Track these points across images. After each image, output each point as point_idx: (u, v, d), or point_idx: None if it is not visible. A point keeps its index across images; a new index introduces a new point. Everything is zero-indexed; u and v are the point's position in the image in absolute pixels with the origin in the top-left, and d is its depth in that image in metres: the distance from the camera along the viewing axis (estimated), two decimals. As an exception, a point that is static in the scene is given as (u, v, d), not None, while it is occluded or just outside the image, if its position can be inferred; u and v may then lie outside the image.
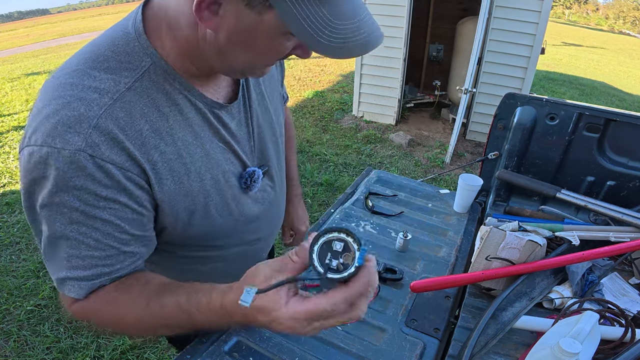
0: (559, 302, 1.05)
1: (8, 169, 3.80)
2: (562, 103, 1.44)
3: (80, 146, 0.51)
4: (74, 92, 0.52)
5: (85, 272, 0.59)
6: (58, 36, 16.32)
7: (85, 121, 0.51)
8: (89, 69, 0.54)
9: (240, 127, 0.73)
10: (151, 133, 0.57)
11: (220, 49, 0.54)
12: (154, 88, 0.57)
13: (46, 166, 0.51)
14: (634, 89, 9.11)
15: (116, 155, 0.53)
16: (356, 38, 0.50)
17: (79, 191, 0.52)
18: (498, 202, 1.60)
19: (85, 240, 0.56)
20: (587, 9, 56.34)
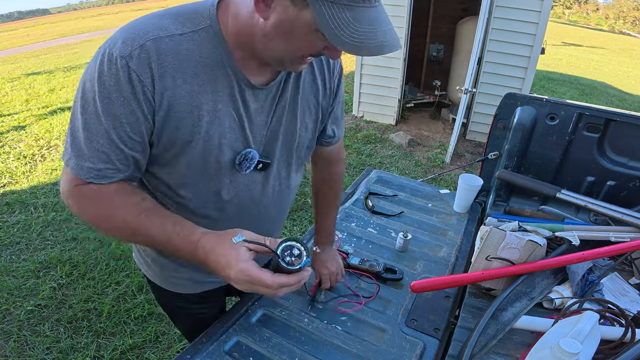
0: (559, 302, 1.04)
1: (8, 169, 3.80)
2: (562, 103, 1.44)
3: (124, 54, 0.65)
4: (147, 23, 0.68)
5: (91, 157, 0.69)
6: (58, 36, 16.31)
7: (138, 40, 0.66)
8: (166, 14, 0.70)
9: (260, 114, 0.80)
10: (176, 69, 0.69)
11: (265, 34, 0.66)
12: (201, 42, 0.70)
13: (99, 62, 0.66)
14: (634, 89, 9.11)
15: (143, 70, 0.66)
16: (372, 41, 0.60)
17: (107, 85, 0.65)
18: (498, 202, 1.60)
19: (96, 127, 0.68)
20: (587, 9, 56.33)
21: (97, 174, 0.70)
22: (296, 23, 0.62)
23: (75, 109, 0.69)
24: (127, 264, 2.52)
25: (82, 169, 0.70)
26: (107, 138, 0.69)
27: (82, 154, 0.70)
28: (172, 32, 0.68)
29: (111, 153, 0.70)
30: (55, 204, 3.22)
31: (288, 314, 1.05)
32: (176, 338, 2.03)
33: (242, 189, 0.85)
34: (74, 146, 0.70)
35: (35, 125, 4.92)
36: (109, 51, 0.65)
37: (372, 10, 0.60)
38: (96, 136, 0.68)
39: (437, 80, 4.95)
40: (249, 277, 0.65)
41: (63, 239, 2.79)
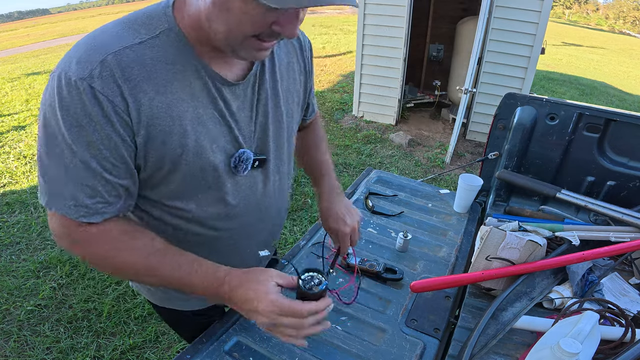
0: (559, 302, 1.04)
1: (8, 169, 3.80)
2: (562, 103, 1.44)
3: (84, 75, 0.59)
4: (98, 38, 0.62)
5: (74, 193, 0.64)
6: (58, 36, 16.32)
7: (95, 57, 0.60)
8: (118, 24, 0.64)
9: (243, 109, 0.75)
10: (146, 80, 0.63)
11: (208, 15, 0.60)
12: (163, 48, 0.64)
13: (57, 89, 0.60)
14: (634, 89, 9.11)
15: (110, 89, 0.60)
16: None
17: (75, 111, 0.60)
18: (498, 202, 1.60)
19: (70, 160, 0.62)
20: (587, 9, 56.31)
21: (87, 211, 0.65)
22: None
23: (42, 146, 0.63)
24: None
25: (68, 209, 0.64)
26: (86, 169, 0.63)
27: (62, 192, 0.64)
28: (130, 42, 0.62)
29: (97, 184, 0.64)
30: (55, 204, 3.22)
31: (288, 314, 1.05)
32: (176, 338, 2.03)
33: (245, 190, 0.82)
34: (51, 185, 0.64)
35: (35, 125, 4.91)
36: (65, 75, 0.59)
37: None
38: (74, 169, 0.62)
39: (437, 80, 4.95)
40: (279, 307, 0.65)
41: (63, 239, 2.79)
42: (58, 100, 0.60)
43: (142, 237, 0.70)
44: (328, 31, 13.32)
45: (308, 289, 0.67)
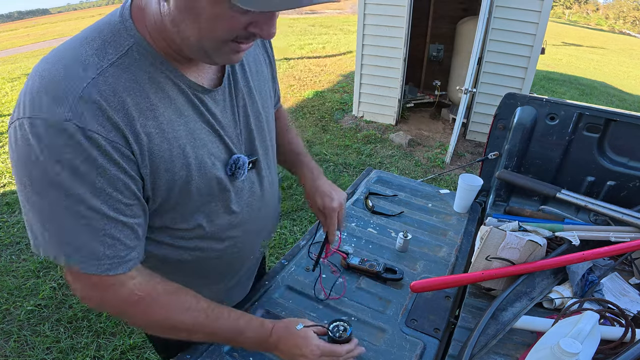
0: (559, 302, 1.04)
1: (8, 169, 3.80)
2: (562, 103, 1.44)
3: (68, 116, 0.52)
4: (60, 66, 0.54)
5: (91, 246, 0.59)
6: (58, 36, 16.31)
7: (70, 93, 0.53)
8: (76, 48, 0.57)
9: (225, 114, 0.72)
10: (133, 107, 0.58)
11: (173, 20, 0.54)
12: (136, 65, 0.58)
13: (35, 137, 0.52)
14: (634, 89, 9.11)
15: (101, 126, 0.54)
16: None
17: (69, 161, 0.53)
18: (498, 202, 1.60)
19: (77, 210, 0.56)
20: (587, 9, 56.31)
21: (112, 263, 0.60)
22: None
23: (30, 201, 0.55)
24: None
25: (89, 265, 0.59)
26: (101, 217, 0.57)
27: (78, 247, 0.57)
28: (100, 67, 0.55)
29: (114, 231, 0.59)
30: (55, 204, 3.22)
31: (288, 314, 1.05)
32: (176, 338, 2.03)
33: (246, 194, 0.81)
34: (59, 240, 0.57)
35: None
36: (40, 120, 0.51)
37: None
38: (82, 220, 0.56)
39: (437, 80, 4.95)
40: (322, 350, 0.76)
41: (63, 239, 2.79)
42: (42, 151, 0.52)
43: (184, 295, 0.71)
44: (328, 31, 13.33)
45: (338, 337, 0.79)
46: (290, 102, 5.74)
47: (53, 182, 0.54)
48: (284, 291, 1.13)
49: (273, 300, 1.09)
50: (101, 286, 0.62)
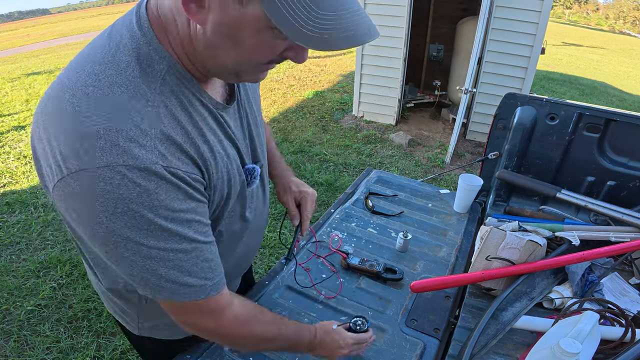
0: (559, 302, 1.04)
1: (8, 169, 3.80)
2: (562, 103, 1.44)
3: (152, 159, 0.51)
4: (115, 106, 0.51)
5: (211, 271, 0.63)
6: (58, 36, 16.33)
7: (145, 133, 0.51)
8: (116, 77, 0.52)
9: (237, 127, 0.74)
10: (190, 132, 0.58)
11: (208, 44, 0.53)
12: (178, 90, 0.58)
13: (122, 186, 0.50)
14: (634, 89, 9.11)
15: (181, 162, 0.55)
16: (341, 30, 0.47)
17: (164, 201, 0.53)
18: (498, 202, 1.61)
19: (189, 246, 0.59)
20: (587, 9, 56.31)
21: (215, 285, 0.64)
22: (242, 22, 0.49)
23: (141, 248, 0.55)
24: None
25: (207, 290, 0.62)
26: (198, 245, 0.60)
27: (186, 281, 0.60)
28: (153, 100, 0.54)
29: (208, 254, 0.62)
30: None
31: (288, 314, 1.05)
32: (176, 338, 2.03)
33: (255, 200, 0.85)
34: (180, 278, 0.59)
35: (35, 125, 4.91)
36: (126, 166, 0.49)
37: None
38: (188, 253, 0.59)
39: (437, 80, 4.95)
40: (356, 339, 0.90)
41: (63, 239, 2.79)
42: (137, 196, 0.51)
43: (264, 312, 0.78)
44: (328, 31, 13.28)
45: (359, 329, 0.93)
46: (290, 102, 5.74)
47: (159, 225, 0.54)
48: (284, 291, 1.13)
49: (273, 300, 1.09)
50: (215, 310, 0.67)
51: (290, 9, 0.45)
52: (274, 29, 0.49)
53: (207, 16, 0.50)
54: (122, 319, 0.91)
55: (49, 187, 0.54)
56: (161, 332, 0.90)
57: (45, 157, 0.53)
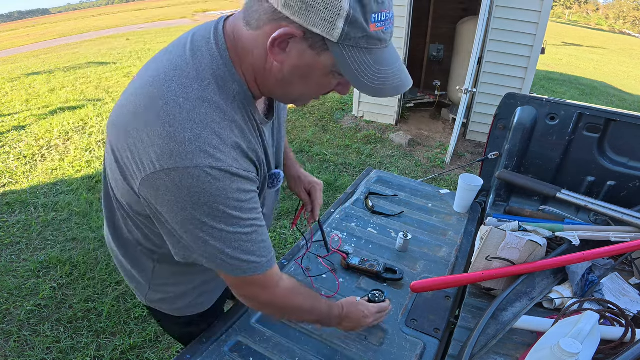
0: (559, 302, 1.05)
1: (8, 169, 3.80)
2: (563, 103, 1.44)
3: (229, 162, 0.64)
4: (201, 118, 0.63)
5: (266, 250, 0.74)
6: (58, 36, 16.31)
7: (224, 143, 0.64)
8: (202, 93, 0.64)
9: (270, 137, 0.85)
10: (252, 141, 0.71)
11: (282, 79, 0.65)
12: (242, 107, 0.69)
13: (205, 182, 0.62)
14: (634, 89, 9.11)
15: (248, 164, 0.69)
16: (391, 81, 0.62)
17: (234, 194, 0.65)
18: (498, 202, 1.61)
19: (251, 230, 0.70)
20: (587, 9, 56.32)
21: (269, 261, 0.75)
22: (314, 66, 0.62)
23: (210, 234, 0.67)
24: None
25: (260, 267, 0.73)
26: (259, 229, 0.72)
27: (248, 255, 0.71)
28: (228, 114, 0.66)
29: (264, 236, 0.74)
30: (55, 203, 3.22)
31: (288, 314, 1.05)
32: (176, 338, 2.03)
33: (269, 199, 0.96)
34: (242, 256, 0.71)
35: (35, 125, 4.92)
36: (210, 167, 0.62)
37: (387, 50, 0.62)
38: (256, 235, 0.71)
39: (437, 80, 4.95)
40: (378, 309, 0.99)
41: (63, 239, 2.79)
42: (216, 190, 0.63)
43: (301, 285, 0.87)
44: (328, 31, 13.28)
45: (378, 300, 1.02)
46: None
47: (229, 213, 0.66)
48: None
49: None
50: (269, 283, 0.77)
51: (356, 65, 0.59)
52: (335, 72, 0.62)
53: (285, 59, 0.62)
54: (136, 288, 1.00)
55: (136, 177, 0.65)
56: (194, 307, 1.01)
57: (134, 151, 0.64)
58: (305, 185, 1.17)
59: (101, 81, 7.07)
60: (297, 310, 0.86)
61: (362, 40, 0.57)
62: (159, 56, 0.71)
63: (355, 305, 0.96)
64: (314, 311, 0.88)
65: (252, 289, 0.77)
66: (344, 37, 0.56)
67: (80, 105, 5.67)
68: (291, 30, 0.57)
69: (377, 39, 0.58)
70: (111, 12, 32.20)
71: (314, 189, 1.17)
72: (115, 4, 64.06)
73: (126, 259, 0.91)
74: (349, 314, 0.94)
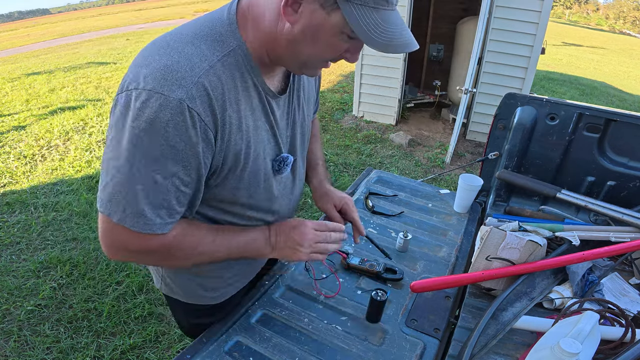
0: (559, 302, 1.05)
1: (8, 169, 3.80)
2: (563, 103, 1.44)
3: (183, 97, 0.63)
4: (181, 53, 0.65)
5: (166, 209, 0.70)
6: (58, 36, 16.31)
7: (189, 78, 0.64)
8: (192, 39, 0.68)
9: (282, 118, 0.84)
10: (227, 99, 0.69)
11: (292, 39, 0.67)
12: (234, 65, 0.70)
13: (154, 108, 0.62)
14: (634, 89, 9.11)
15: (204, 111, 0.66)
16: (398, 39, 0.65)
17: (171, 132, 0.64)
18: (498, 202, 1.60)
19: (165, 181, 0.67)
20: (587, 9, 56.32)
21: (161, 224, 0.70)
22: (325, 25, 0.64)
23: (124, 160, 0.64)
24: (127, 263, 2.52)
25: (143, 225, 0.68)
26: (170, 185, 0.68)
27: (140, 210, 0.67)
28: (212, 61, 0.67)
29: (172, 199, 0.69)
30: (55, 203, 3.22)
31: (288, 314, 1.05)
32: (176, 338, 2.03)
33: (284, 188, 0.93)
34: (127, 202, 0.66)
35: (36, 125, 4.92)
36: (160, 95, 0.62)
37: (393, 12, 0.66)
38: (158, 187, 0.67)
39: (437, 80, 4.95)
40: (324, 225, 0.91)
41: (63, 239, 2.79)
42: (154, 119, 0.62)
43: (201, 226, 0.81)
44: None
45: (379, 299, 0.97)
46: (290, 102, 5.74)
47: (147, 148, 0.64)
48: (284, 291, 1.13)
49: (273, 300, 1.09)
50: (140, 241, 0.71)
51: (365, 22, 0.62)
52: (345, 34, 0.65)
53: (297, 19, 0.65)
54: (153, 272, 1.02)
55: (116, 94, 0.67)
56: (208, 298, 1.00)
57: (125, 77, 0.67)
58: (336, 203, 1.11)
59: (101, 81, 7.08)
60: (183, 254, 0.78)
61: (371, 0, 0.62)
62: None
63: (287, 222, 0.90)
64: (218, 248, 0.81)
65: (122, 238, 0.70)
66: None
67: (80, 105, 5.67)
68: None
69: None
70: (111, 12, 32.18)
71: (347, 205, 1.10)
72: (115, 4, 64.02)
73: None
74: (278, 234, 0.88)
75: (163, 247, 0.74)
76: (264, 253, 0.88)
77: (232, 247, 0.83)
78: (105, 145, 0.68)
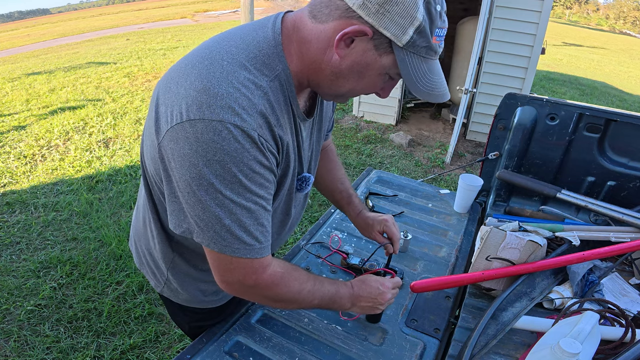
0: (559, 303, 1.04)
1: (8, 169, 3.80)
2: (563, 103, 1.44)
3: (253, 126, 0.64)
4: (238, 80, 0.64)
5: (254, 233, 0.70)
6: (58, 36, 16.31)
7: (253, 107, 0.64)
8: (245, 62, 0.67)
9: (307, 139, 0.86)
10: (277, 123, 0.70)
11: (337, 72, 0.69)
12: (279, 89, 0.71)
13: (226, 138, 0.62)
14: (634, 89, 9.11)
15: (270, 137, 0.68)
16: (438, 89, 0.69)
17: (250, 161, 0.65)
18: (498, 202, 1.61)
19: (254, 207, 0.68)
20: (587, 9, 56.31)
21: (262, 249, 0.72)
22: (373, 65, 0.66)
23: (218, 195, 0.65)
24: (127, 264, 2.53)
25: (250, 250, 0.70)
26: (261, 209, 0.70)
27: (241, 237, 0.68)
28: (265, 88, 0.67)
29: (265, 220, 0.72)
30: (55, 203, 3.22)
31: (288, 314, 1.05)
32: (176, 338, 2.03)
33: (298, 203, 0.96)
34: (238, 232, 0.68)
35: (36, 125, 4.92)
36: (233, 126, 0.62)
37: (436, 62, 0.68)
38: (252, 212, 0.68)
39: (437, 80, 4.94)
40: (393, 284, 0.96)
41: (63, 239, 2.79)
42: (234, 150, 0.63)
43: (299, 268, 0.84)
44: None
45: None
46: (290, 102, 5.74)
47: (239, 179, 0.65)
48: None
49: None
50: (257, 269, 0.73)
51: (414, 69, 0.65)
52: (387, 75, 0.69)
53: (347, 54, 0.66)
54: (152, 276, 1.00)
55: (163, 129, 0.66)
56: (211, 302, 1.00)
57: (168, 103, 0.66)
58: (378, 228, 1.12)
59: (101, 81, 7.07)
60: (290, 296, 0.81)
61: (423, 50, 0.64)
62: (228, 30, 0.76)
63: (368, 282, 0.92)
64: (314, 295, 0.83)
65: (236, 273, 0.73)
66: (411, 43, 0.62)
67: (80, 105, 5.67)
68: (363, 28, 0.62)
69: (434, 50, 0.65)
70: (111, 12, 32.17)
71: (388, 227, 1.11)
72: (115, 4, 63.97)
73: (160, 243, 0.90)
74: (361, 293, 0.91)
75: (274, 280, 0.76)
76: (344, 308, 0.91)
77: (325, 297, 0.86)
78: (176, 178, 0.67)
